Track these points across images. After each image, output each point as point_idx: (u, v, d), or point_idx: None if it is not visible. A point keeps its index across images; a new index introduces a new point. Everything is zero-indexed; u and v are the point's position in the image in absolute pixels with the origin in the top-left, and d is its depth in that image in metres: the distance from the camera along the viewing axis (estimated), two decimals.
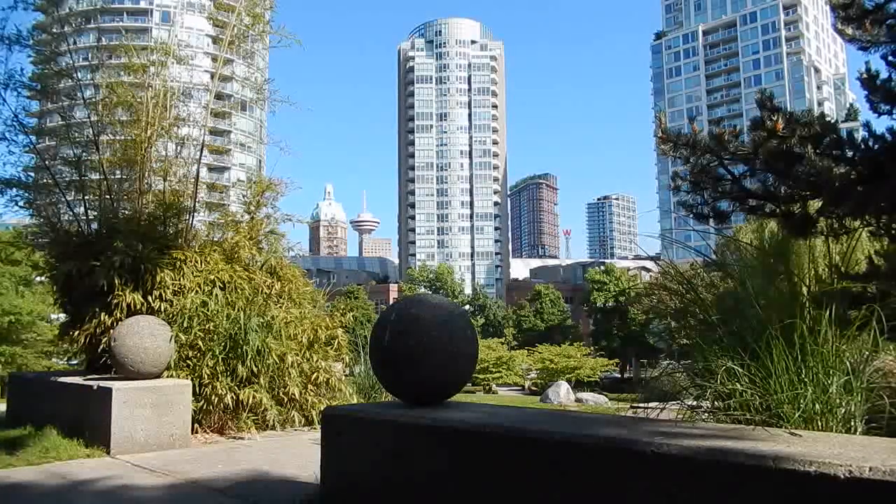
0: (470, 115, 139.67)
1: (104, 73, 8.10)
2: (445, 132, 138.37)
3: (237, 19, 8.29)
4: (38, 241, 8.31)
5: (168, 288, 6.44)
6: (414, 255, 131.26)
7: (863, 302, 2.82)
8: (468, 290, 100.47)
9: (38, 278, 23.87)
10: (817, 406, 2.41)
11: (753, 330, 2.63)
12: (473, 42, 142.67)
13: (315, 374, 6.74)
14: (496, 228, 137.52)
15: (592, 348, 56.20)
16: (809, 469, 1.69)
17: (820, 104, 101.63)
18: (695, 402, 2.88)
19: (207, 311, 6.34)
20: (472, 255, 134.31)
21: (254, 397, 6.09)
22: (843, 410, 2.42)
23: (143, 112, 7.34)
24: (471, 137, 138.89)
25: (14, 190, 7.59)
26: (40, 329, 24.57)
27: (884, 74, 5.46)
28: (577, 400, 22.46)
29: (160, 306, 6.37)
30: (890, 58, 5.41)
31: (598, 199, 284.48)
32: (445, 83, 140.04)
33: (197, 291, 6.51)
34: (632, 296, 62.12)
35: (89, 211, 7.52)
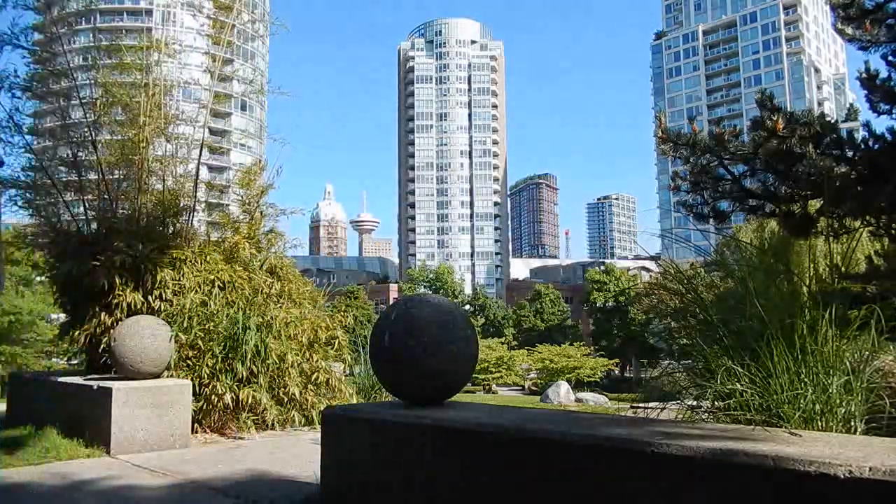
0: (470, 115, 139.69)
1: (101, 73, 8.08)
2: (445, 132, 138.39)
3: (225, 12, 8.31)
4: (37, 241, 8.30)
5: (168, 288, 6.43)
6: (414, 255, 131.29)
7: (863, 302, 2.82)
8: (468, 290, 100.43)
9: (38, 278, 23.87)
10: (817, 406, 2.41)
11: (753, 330, 2.62)
12: (473, 42, 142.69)
13: (315, 374, 6.74)
14: (496, 228, 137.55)
15: (592, 348, 56.21)
16: (809, 469, 1.69)
17: (820, 104, 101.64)
18: (695, 402, 2.88)
19: (207, 310, 6.34)
20: (472, 255, 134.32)
21: (253, 397, 6.09)
22: (843, 410, 2.41)
23: (140, 111, 7.34)
24: (471, 137, 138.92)
25: (13, 190, 7.59)
26: (40, 329, 24.55)
27: (883, 74, 5.47)
28: (577, 400, 22.47)
29: (160, 306, 6.37)
30: (890, 57, 5.42)
31: (598, 200, 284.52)
32: (445, 83, 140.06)
33: (197, 291, 6.51)
34: (632, 296, 62.10)
35: (88, 211, 7.52)
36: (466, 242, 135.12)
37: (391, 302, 40.17)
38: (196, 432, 5.92)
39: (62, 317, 8.03)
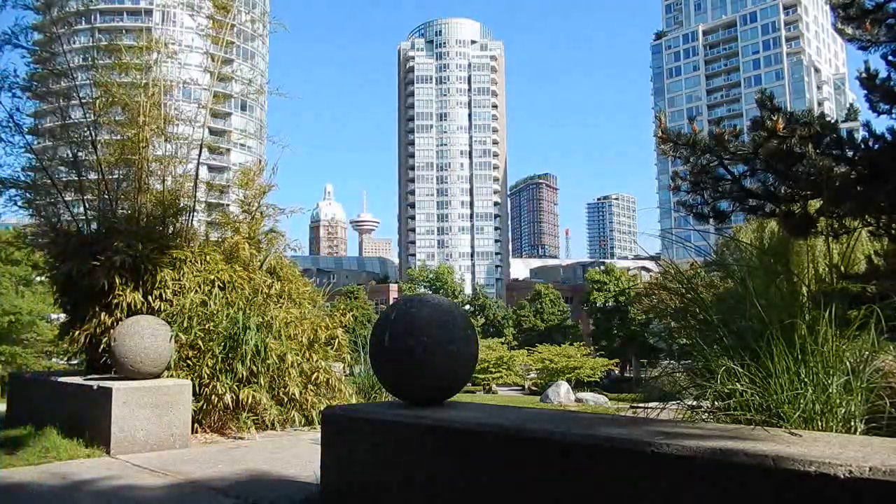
0: (470, 115, 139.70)
1: (101, 73, 8.09)
2: (445, 132, 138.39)
3: (224, 12, 8.33)
4: (37, 241, 8.30)
5: (168, 288, 6.44)
6: (414, 255, 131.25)
7: (863, 302, 2.82)
8: (468, 290, 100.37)
9: (38, 278, 23.89)
10: (817, 406, 2.41)
11: (753, 330, 2.62)
12: (473, 42, 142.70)
13: (315, 374, 6.74)
14: (496, 228, 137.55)
15: (592, 348, 56.23)
16: (809, 469, 1.69)
17: (820, 104, 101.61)
18: (695, 402, 2.87)
19: (207, 310, 6.34)
20: (472, 255, 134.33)
21: (253, 397, 6.09)
22: (843, 410, 2.41)
23: (139, 111, 7.34)
24: (471, 137, 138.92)
25: (13, 190, 7.58)
26: (40, 329, 24.59)
27: (883, 74, 5.48)
28: (577, 400, 22.47)
29: (160, 306, 6.37)
30: (890, 57, 5.42)
31: (598, 200, 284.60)
32: (445, 83, 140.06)
33: (197, 291, 6.51)
34: (632, 296, 62.10)
35: (88, 211, 7.52)
36: (466, 242, 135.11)
37: (391, 302, 40.20)
38: (196, 432, 5.92)
39: (62, 317, 8.02)
